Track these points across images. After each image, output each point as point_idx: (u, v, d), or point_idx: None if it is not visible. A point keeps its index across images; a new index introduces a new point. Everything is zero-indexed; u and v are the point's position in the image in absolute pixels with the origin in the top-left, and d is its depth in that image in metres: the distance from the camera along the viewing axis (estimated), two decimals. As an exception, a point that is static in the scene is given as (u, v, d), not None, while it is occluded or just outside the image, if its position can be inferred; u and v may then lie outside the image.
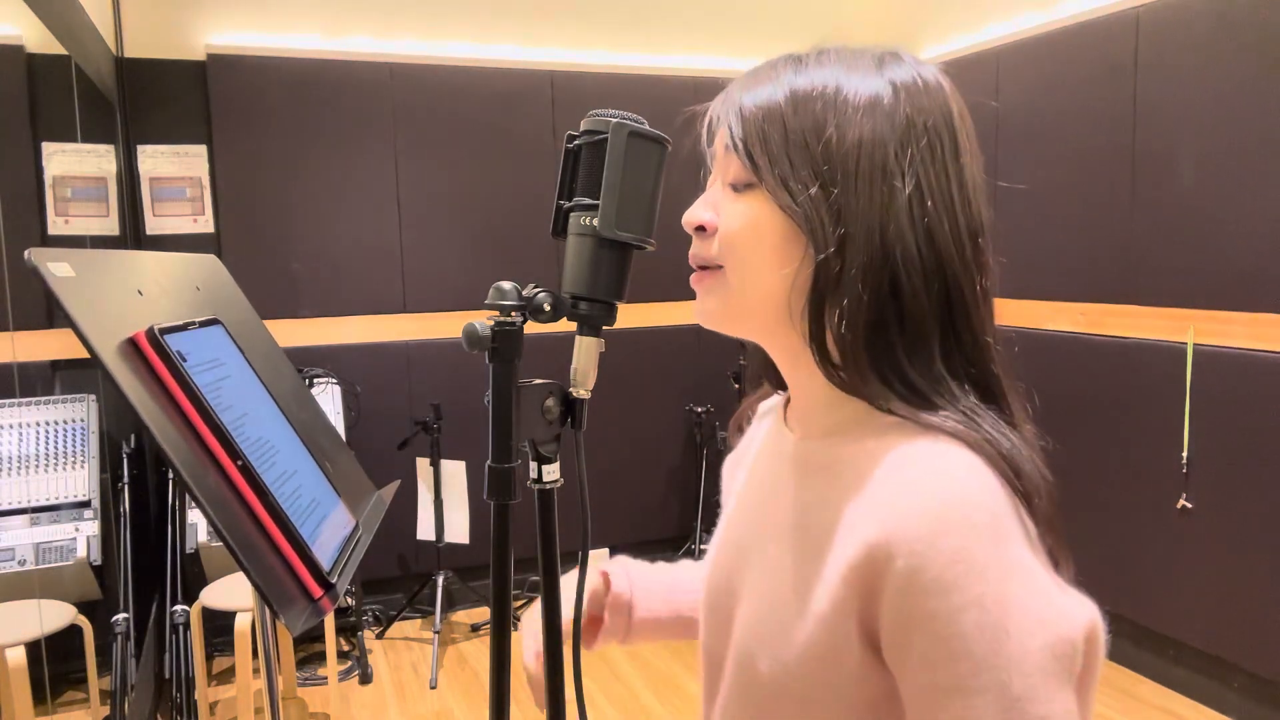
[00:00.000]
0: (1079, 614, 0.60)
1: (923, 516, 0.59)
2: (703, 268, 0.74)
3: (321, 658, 3.22)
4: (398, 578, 3.71)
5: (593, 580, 0.95)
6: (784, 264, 0.68)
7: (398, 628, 3.62)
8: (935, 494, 0.60)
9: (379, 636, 3.55)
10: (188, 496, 2.44)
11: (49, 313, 2.58)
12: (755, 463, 0.84)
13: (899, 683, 0.61)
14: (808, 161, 0.66)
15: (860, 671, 0.63)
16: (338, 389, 3.30)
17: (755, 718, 0.71)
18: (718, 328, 0.75)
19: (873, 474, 0.64)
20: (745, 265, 0.70)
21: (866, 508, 0.63)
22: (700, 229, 0.73)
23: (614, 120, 0.74)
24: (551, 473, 0.79)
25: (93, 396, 2.61)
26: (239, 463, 1.05)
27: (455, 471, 3.45)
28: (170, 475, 3.05)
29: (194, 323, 1.16)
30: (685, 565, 1.02)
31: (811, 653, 0.65)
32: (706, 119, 0.75)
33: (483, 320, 0.73)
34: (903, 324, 0.66)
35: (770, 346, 0.76)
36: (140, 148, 3.26)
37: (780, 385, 0.84)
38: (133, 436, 2.96)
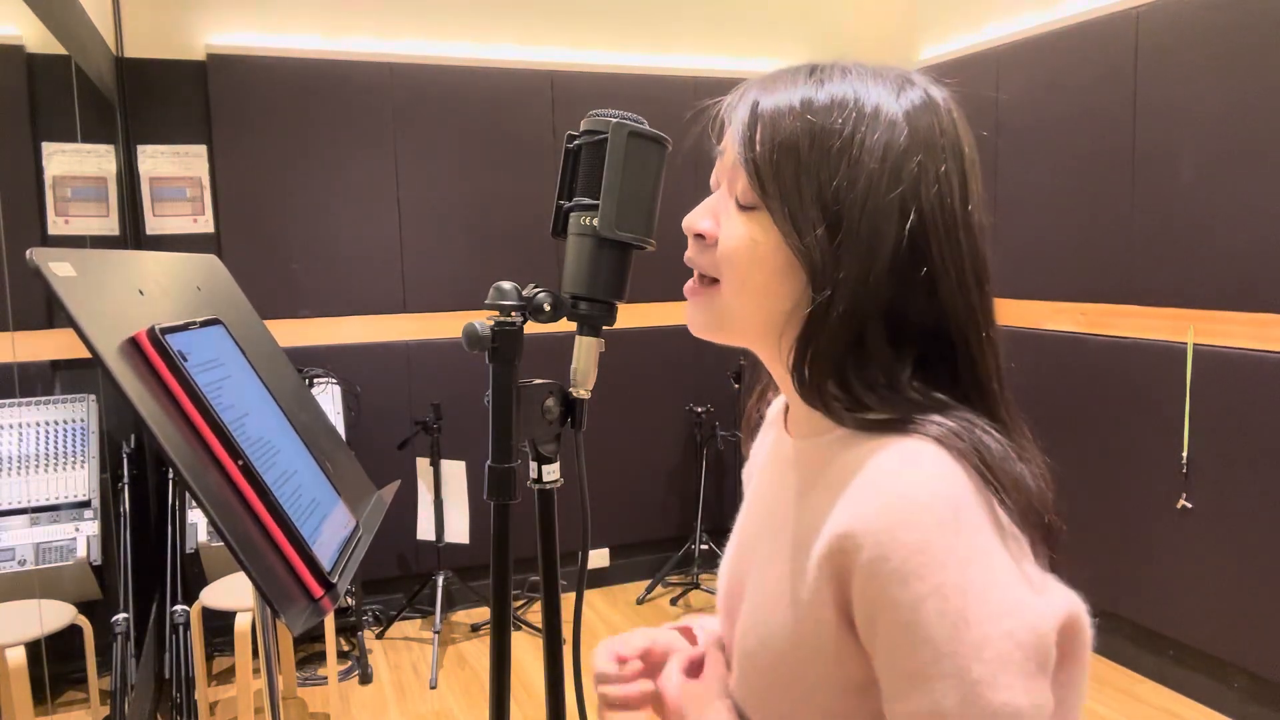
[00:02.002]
0: (1050, 605, 0.61)
1: (886, 509, 0.60)
2: (699, 273, 0.74)
3: (321, 658, 3.22)
4: (398, 578, 3.70)
5: (672, 637, 0.90)
6: (780, 292, 0.68)
7: (398, 628, 3.62)
8: (899, 488, 0.61)
9: (379, 636, 3.55)
10: (188, 496, 2.44)
11: (49, 313, 2.58)
12: (763, 467, 0.86)
13: (874, 666, 0.63)
14: (818, 201, 0.66)
15: (841, 656, 0.64)
16: (338, 389, 3.30)
17: (757, 706, 0.73)
18: (707, 337, 0.75)
19: (850, 471, 0.65)
20: (742, 286, 0.70)
21: (840, 501, 0.64)
22: (700, 236, 0.72)
23: (614, 120, 0.74)
24: (551, 473, 0.79)
25: (93, 396, 2.61)
26: (239, 462, 1.05)
27: (455, 471, 3.45)
28: (170, 475, 3.05)
29: (194, 323, 1.16)
30: None
31: (796, 639, 0.67)
32: (717, 119, 0.74)
33: (483, 320, 0.73)
34: (881, 366, 0.67)
35: (760, 356, 0.77)
36: (140, 148, 3.26)
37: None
38: (133, 436, 2.96)
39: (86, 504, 2.48)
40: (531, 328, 0.75)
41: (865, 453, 0.65)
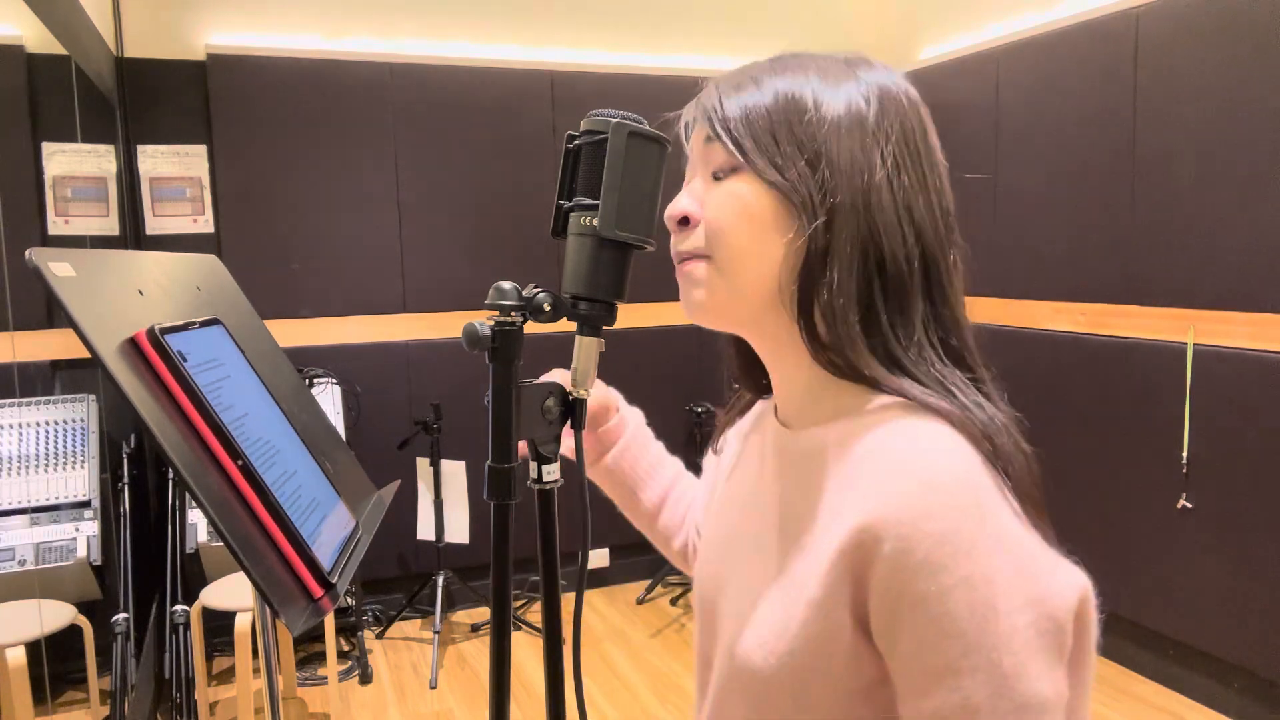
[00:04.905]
0: (1068, 589, 0.60)
1: (908, 499, 0.59)
2: (689, 258, 0.74)
3: (321, 658, 3.22)
4: (398, 578, 3.71)
5: (606, 394, 1.02)
6: (774, 242, 0.69)
7: (398, 628, 3.62)
8: (919, 475, 0.60)
9: (379, 636, 3.55)
10: (188, 496, 2.44)
11: (49, 313, 2.58)
12: (741, 462, 0.84)
13: (889, 664, 0.62)
14: (792, 139, 0.68)
15: (852, 656, 0.63)
16: (338, 389, 3.30)
17: (750, 711, 0.71)
18: (706, 319, 0.75)
19: (857, 458, 0.64)
20: (735, 248, 0.70)
21: (852, 492, 0.63)
22: (684, 221, 0.73)
23: (614, 120, 0.74)
24: (551, 473, 0.79)
25: (93, 396, 2.61)
26: (239, 462, 1.05)
27: (455, 471, 3.45)
28: (170, 475, 3.05)
29: (194, 323, 1.15)
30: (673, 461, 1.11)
31: (804, 640, 0.65)
32: (683, 122, 0.76)
33: (483, 320, 0.73)
34: (887, 293, 0.68)
35: (757, 336, 0.76)
36: (140, 148, 3.26)
37: (759, 390, 0.84)
38: (133, 436, 2.96)
39: (86, 504, 2.49)
40: (531, 328, 0.75)
41: (866, 433, 0.64)
